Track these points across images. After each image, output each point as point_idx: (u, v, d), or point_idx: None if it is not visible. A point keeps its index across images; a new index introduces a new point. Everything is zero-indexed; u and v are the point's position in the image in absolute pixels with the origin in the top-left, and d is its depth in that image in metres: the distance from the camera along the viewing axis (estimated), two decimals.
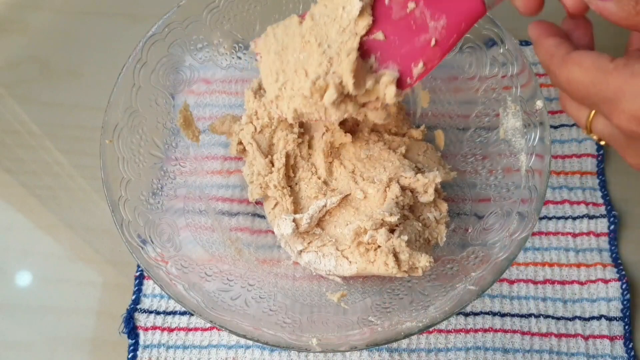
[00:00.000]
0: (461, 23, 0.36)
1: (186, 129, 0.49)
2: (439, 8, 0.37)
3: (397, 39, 0.39)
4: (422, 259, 0.41)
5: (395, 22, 0.39)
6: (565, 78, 0.32)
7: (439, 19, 0.37)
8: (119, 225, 0.40)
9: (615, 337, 0.47)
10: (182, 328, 0.49)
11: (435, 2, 0.37)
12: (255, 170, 0.47)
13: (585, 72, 0.31)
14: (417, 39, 0.38)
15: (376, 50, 0.39)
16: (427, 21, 0.37)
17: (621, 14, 0.30)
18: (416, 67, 0.38)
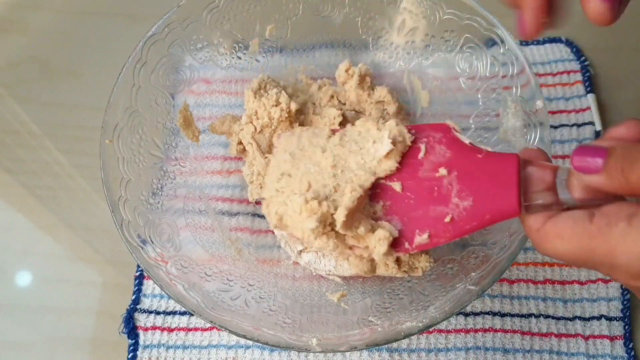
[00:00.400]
0: (486, 214, 0.33)
1: (186, 129, 0.49)
2: (470, 189, 0.34)
3: (413, 198, 0.36)
4: (422, 259, 0.41)
5: (420, 180, 0.36)
6: (553, 253, 0.31)
7: (465, 199, 0.34)
8: (119, 225, 0.40)
9: (615, 337, 0.47)
10: (182, 328, 0.49)
11: (470, 181, 0.34)
12: (255, 170, 0.47)
13: (569, 244, 0.29)
14: (434, 208, 0.35)
15: (387, 198, 0.37)
16: (451, 195, 0.34)
17: (612, 185, 0.28)
18: (420, 237, 0.35)
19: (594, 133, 0.55)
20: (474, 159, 0.35)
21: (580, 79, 0.58)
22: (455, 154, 0.36)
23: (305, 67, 0.54)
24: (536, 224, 0.31)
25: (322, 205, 0.36)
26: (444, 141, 0.37)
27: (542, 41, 0.60)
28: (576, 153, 0.29)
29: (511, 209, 0.31)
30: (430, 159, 0.36)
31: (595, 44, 0.60)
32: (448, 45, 0.49)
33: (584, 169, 0.29)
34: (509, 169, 0.32)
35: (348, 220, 0.36)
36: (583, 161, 0.29)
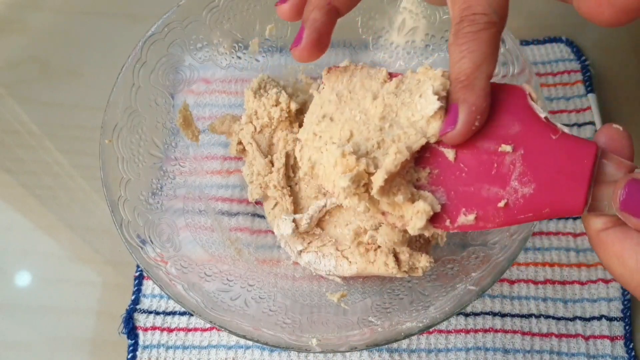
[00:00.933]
0: (546, 208, 0.29)
1: (186, 128, 0.49)
2: (534, 174, 0.29)
3: (466, 171, 0.31)
4: (422, 259, 0.41)
5: (478, 151, 0.31)
6: (608, 266, 0.28)
7: (526, 185, 0.29)
8: (119, 225, 0.40)
9: (615, 337, 0.47)
10: (182, 328, 0.49)
11: (536, 165, 0.29)
12: (255, 170, 0.47)
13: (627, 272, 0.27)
14: (488, 187, 0.30)
15: (436, 165, 0.32)
16: (511, 177, 0.30)
17: None
18: (466, 216, 0.31)
19: (595, 133, 0.55)
20: (546, 140, 0.29)
21: (580, 78, 0.58)
22: (526, 128, 0.30)
23: (305, 67, 0.53)
24: (598, 226, 0.28)
25: (360, 163, 0.32)
26: (514, 110, 0.31)
27: (543, 41, 0.60)
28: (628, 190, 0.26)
29: (575, 207, 0.28)
30: (495, 130, 0.30)
31: (596, 44, 0.60)
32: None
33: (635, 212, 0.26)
34: (584, 160, 0.28)
35: (386, 185, 0.31)
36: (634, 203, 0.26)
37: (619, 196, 0.26)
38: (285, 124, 0.47)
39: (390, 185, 0.31)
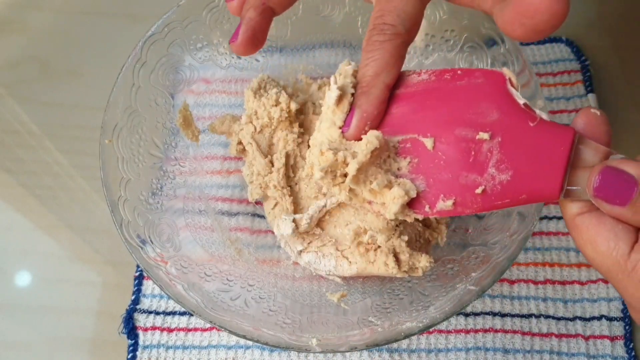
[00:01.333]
0: (523, 194, 0.29)
1: (186, 128, 0.49)
2: (512, 161, 0.30)
3: (444, 159, 0.32)
4: (422, 259, 0.41)
5: (456, 139, 0.32)
6: (581, 249, 0.29)
7: (503, 172, 0.30)
8: (119, 226, 0.40)
9: (615, 337, 0.47)
10: (182, 328, 0.49)
11: (513, 152, 0.30)
12: (255, 170, 0.47)
13: (600, 259, 0.27)
14: (466, 174, 0.31)
15: (416, 154, 0.33)
16: (489, 164, 0.30)
17: (636, 218, 0.26)
18: (444, 202, 0.32)
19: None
20: (524, 127, 0.30)
21: (580, 78, 0.58)
22: (504, 116, 0.31)
23: (305, 67, 0.53)
24: (574, 210, 0.29)
25: (338, 156, 0.33)
26: (493, 96, 0.31)
27: (543, 41, 0.60)
28: (601, 177, 0.27)
29: (551, 193, 0.28)
30: (473, 117, 0.31)
31: (596, 44, 0.60)
32: (448, 44, 0.49)
33: (607, 198, 0.27)
34: (561, 147, 0.28)
35: (359, 174, 0.33)
36: (607, 190, 0.27)
37: (593, 183, 0.27)
38: (285, 124, 0.47)
39: (365, 175, 0.33)
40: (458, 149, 0.32)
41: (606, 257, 0.27)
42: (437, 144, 0.32)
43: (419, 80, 0.36)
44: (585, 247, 0.28)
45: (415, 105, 0.35)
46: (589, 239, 0.28)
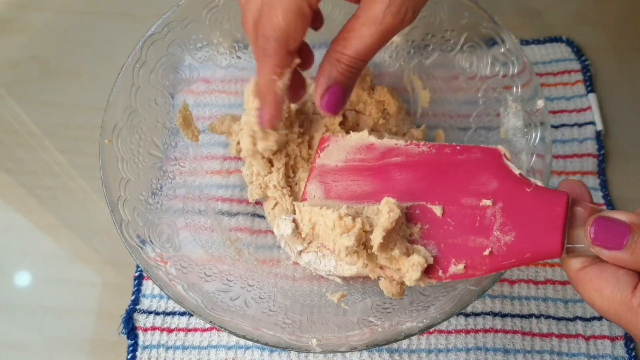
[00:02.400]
0: (527, 253, 0.31)
1: (185, 128, 0.49)
2: (514, 223, 0.32)
3: (453, 225, 0.35)
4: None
5: (462, 207, 0.35)
6: (589, 300, 0.30)
7: (507, 234, 0.32)
8: (118, 226, 0.40)
9: (616, 338, 0.47)
10: (182, 329, 0.49)
11: (514, 216, 0.32)
12: (255, 170, 0.47)
13: (606, 304, 0.29)
14: (474, 238, 0.33)
15: (426, 221, 0.36)
16: (493, 227, 0.33)
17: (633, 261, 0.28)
18: (456, 266, 0.34)
19: (595, 133, 0.55)
20: (522, 193, 0.33)
21: (581, 78, 0.58)
22: (502, 184, 0.34)
23: None
24: (576, 265, 0.31)
25: (357, 222, 0.36)
26: (492, 169, 0.35)
27: (543, 40, 0.60)
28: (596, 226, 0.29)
29: (554, 250, 0.30)
30: (476, 187, 0.35)
31: (596, 44, 0.60)
32: (448, 44, 0.49)
33: (605, 244, 0.29)
34: (557, 208, 0.31)
35: (385, 241, 0.34)
36: (603, 236, 0.29)
37: (590, 233, 0.29)
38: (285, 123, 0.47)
39: (387, 241, 0.35)
40: (465, 215, 0.34)
41: (612, 301, 0.29)
42: (445, 210, 0.35)
43: (420, 151, 0.39)
44: (592, 296, 0.30)
45: (419, 174, 0.38)
46: (593, 287, 0.30)
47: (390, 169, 0.40)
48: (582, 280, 0.30)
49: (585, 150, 0.54)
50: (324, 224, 0.38)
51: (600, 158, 0.54)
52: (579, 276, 0.30)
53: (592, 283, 0.30)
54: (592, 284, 0.30)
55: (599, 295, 0.29)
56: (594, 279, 0.30)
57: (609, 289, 0.29)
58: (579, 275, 0.30)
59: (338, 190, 0.41)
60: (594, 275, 0.30)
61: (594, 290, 0.29)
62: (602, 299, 0.29)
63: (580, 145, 0.54)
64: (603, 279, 0.29)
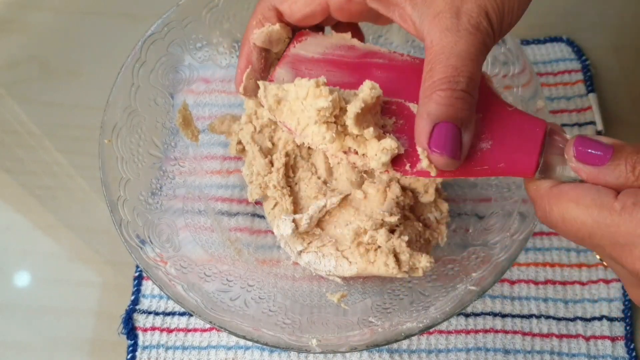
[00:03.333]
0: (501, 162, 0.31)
1: (185, 128, 0.49)
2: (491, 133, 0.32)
3: None
4: (422, 259, 0.41)
5: None
6: (560, 216, 0.29)
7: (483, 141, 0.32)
8: (118, 226, 0.40)
9: (616, 338, 0.46)
10: (182, 329, 0.49)
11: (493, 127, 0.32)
12: (255, 170, 0.47)
13: (585, 211, 0.28)
14: None
15: (401, 117, 0.35)
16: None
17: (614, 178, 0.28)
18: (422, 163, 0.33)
19: (595, 132, 0.55)
20: (502, 110, 0.33)
21: (581, 78, 0.58)
22: (484, 99, 0.33)
23: None
24: (547, 184, 0.30)
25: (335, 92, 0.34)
26: None
27: (543, 40, 0.60)
28: (579, 142, 0.29)
29: (528, 167, 0.31)
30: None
31: (597, 43, 0.60)
32: None
33: (587, 160, 0.28)
34: (536, 129, 0.31)
35: (360, 116, 0.33)
36: (586, 152, 0.29)
37: (573, 149, 0.29)
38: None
39: (362, 119, 0.34)
40: None
41: (592, 208, 0.27)
42: None
43: (403, 59, 0.38)
44: (566, 209, 0.28)
45: (399, 75, 0.37)
46: (569, 198, 0.28)
47: (370, 66, 0.38)
48: (555, 195, 0.29)
49: None
50: (294, 95, 0.35)
51: None
52: (552, 192, 0.29)
53: (568, 195, 0.28)
54: (568, 196, 0.28)
55: (576, 205, 0.28)
56: (571, 191, 0.28)
57: (588, 197, 0.28)
58: (552, 191, 0.29)
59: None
60: (570, 188, 0.29)
61: (570, 200, 0.28)
62: (578, 207, 0.28)
63: None
64: (582, 189, 0.28)
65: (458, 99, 0.29)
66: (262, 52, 0.36)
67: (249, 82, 0.37)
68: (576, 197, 0.28)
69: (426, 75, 0.30)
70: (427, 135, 0.30)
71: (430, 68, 0.30)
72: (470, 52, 0.30)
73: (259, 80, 0.36)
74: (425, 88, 0.30)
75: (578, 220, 0.28)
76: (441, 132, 0.30)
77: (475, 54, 0.30)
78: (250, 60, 0.36)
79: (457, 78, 0.29)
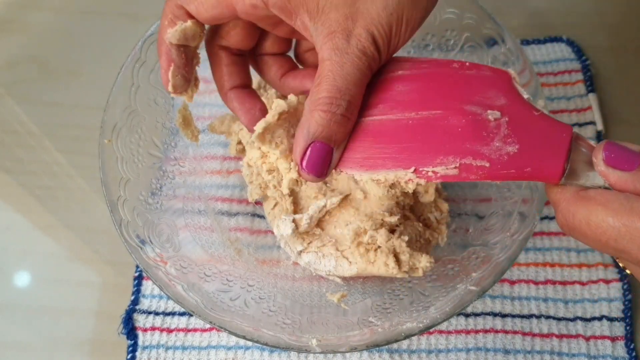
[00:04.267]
0: (528, 167, 0.32)
1: (185, 128, 0.48)
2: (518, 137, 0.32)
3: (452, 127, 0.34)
4: (422, 259, 0.41)
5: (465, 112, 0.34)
6: (584, 219, 0.29)
7: (510, 145, 0.32)
8: (118, 226, 0.40)
9: (616, 338, 0.46)
10: (182, 329, 0.49)
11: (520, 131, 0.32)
12: (255, 171, 0.47)
13: (614, 215, 0.28)
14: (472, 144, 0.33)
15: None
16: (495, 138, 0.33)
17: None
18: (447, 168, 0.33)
19: (595, 133, 0.55)
20: (529, 114, 0.33)
21: (581, 78, 0.58)
22: (510, 102, 0.34)
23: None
24: (571, 189, 0.30)
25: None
26: (500, 87, 0.35)
27: (543, 40, 0.60)
28: (608, 147, 0.29)
29: (555, 172, 0.31)
30: (482, 99, 0.34)
31: (597, 43, 0.60)
32: (449, 44, 0.49)
33: (616, 165, 0.29)
34: (563, 134, 0.31)
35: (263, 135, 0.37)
36: (615, 157, 0.29)
37: (602, 154, 0.29)
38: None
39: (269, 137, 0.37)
40: (466, 121, 0.33)
41: (621, 212, 0.28)
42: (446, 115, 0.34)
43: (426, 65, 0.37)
44: (594, 212, 0.29)
45: (422, 84, 0.36)
46: (598, 202, 0.29)
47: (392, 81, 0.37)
48: (581, 198, 0.29)
49: None
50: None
51: None
52: (578, 195, 0.30)
53: (596, 199, 0.29)
54: (596, 200, 0.29)
55: (603, 209, 0.28)
56: (598, 196, 0.29)
57: (617, 202, 0.28)
58: (578, 195, 0.30)
59: None
60: (597, 193, 0.29)
61: (598, 204, 0.28)
62: (605, 212, 0.28)
63: None
64: (610, 194, 0.29)
65: (336, 122, 0.33)
66: (180, 48, 0.37)
67: (176, 79, 0.37)
68: (604, 201, 0.28)
69: (314, 89, 0.33)
70: (302, 152, 0.34)
71: (319, 82, 0.32)
72: (355, 75, 0.32)
73: (185, 75, 0.38)
74: (311, 102, 0.33)
75: (605, 223, 0.28)
76: (314, 151, 0.33)
77: (360, 77, 0.33)
78: (171, 58, 0.36)
79: (339, 101, 0.32)
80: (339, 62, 0.32)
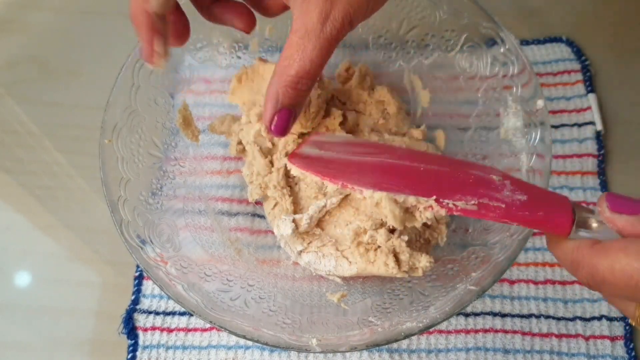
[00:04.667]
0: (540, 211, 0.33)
1: (185, 128, 0.49)
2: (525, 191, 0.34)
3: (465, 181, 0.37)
4: (422, 259, 0.41)
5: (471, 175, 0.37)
6: (609, 269, 0.29)
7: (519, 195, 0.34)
8: (118, 226, 0.40)
9: (616, 338, 0.47)
10: (182, 328, 0.49)
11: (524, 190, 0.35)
12: (255, 171, 0.47)
13: (635, 257, 0.28)
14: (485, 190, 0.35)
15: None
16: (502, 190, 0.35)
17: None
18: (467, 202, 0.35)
19: (595, 133, 0.55)
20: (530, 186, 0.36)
21: (581, 78, 0.58)
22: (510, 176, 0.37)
23: None
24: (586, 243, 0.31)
25: None
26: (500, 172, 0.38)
27: (543, 40, 0.60)
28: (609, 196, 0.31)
29: (565, 220, 0.32)
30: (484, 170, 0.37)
31: (596, 44, 0.60)
32: (448, 44, 0.49)
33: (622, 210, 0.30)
34: (562, 196, 0.34)
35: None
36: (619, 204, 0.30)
37: (606, 204, 0.31)
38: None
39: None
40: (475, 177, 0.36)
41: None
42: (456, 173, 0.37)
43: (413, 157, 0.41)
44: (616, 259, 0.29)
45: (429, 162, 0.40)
46: (618, 247, 0.29)
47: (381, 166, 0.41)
48: (599, 249, 0.30)
49: (585, 150, 0.54)
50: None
51: (600, 158, 0.54)
52: (596, 248, 0.30)
53: (614, 246, 0.29)
54: (614, 247, 0.29)
55: (625, 255, 0.28)
56: (615, 243, 0.29)
57: (633, 246, 0.28)
58: (594, 248, 0.30)
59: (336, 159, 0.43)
60: (613, 242, 0.30)
61: (619, 250, 0.29)
62: (628, 258, 0.28)
63: (580, 145, 0.54)
64: (625, 240, 0.29)
65: (300, 96, 0.37)
66: (162, 17, 0.37)
67: (161, 48, 0.38)
68: (622, 247, 0.29)
69: (284, 60, 0.36)
70: (270, 118, 0.38)
71: (290, 54, 0.36)
72: (324, 57, 0.36)
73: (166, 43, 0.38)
74: (281, 77, 0.36)
75: (629, 267, 0.28)
76: (281, 117, 0.38)
77: (325, 59, 0.36)
78: (155, 29, 0.37)
79: (305, 80, 0.36)
80: (309, 46, 0.35)
